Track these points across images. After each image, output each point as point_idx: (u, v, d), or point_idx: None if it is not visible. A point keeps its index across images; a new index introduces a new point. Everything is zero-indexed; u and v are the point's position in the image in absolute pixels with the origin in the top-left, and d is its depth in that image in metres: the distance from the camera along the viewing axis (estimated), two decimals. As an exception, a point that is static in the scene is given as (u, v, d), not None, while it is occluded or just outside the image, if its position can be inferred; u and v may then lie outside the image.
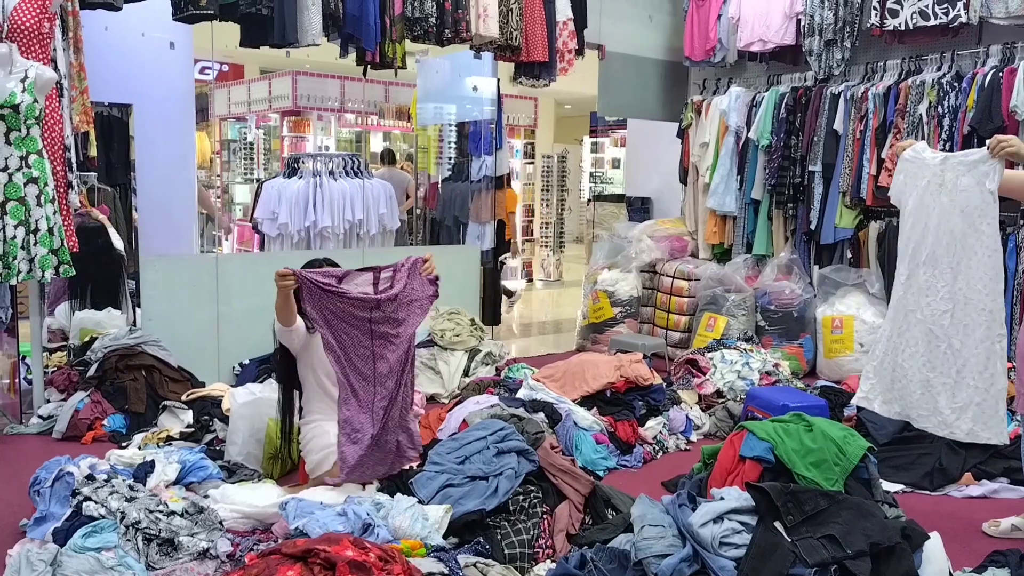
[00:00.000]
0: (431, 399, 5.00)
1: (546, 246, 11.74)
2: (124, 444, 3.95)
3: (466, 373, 5.24)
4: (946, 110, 5.17)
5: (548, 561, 2.86)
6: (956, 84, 5.19)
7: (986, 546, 3.06)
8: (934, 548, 2.40)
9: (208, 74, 9.87)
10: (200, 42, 5.56)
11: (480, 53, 6.07)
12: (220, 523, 2.81)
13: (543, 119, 13.31)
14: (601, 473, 3.84)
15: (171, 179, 5.64)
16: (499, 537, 2.83)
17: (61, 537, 2.64)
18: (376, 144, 10.42)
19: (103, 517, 2.73)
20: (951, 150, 5.16)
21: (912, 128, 5.34)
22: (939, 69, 5.41)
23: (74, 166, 4.27)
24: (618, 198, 8.39)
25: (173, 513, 2.78)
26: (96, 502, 2.79)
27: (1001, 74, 4.95)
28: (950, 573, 2.46)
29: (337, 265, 3.53)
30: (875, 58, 5.86)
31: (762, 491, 2.47)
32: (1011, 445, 3.83)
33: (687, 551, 2.39)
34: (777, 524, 2.40)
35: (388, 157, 8.80)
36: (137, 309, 5.20)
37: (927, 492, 3.70)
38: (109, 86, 5.09)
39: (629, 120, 8.56)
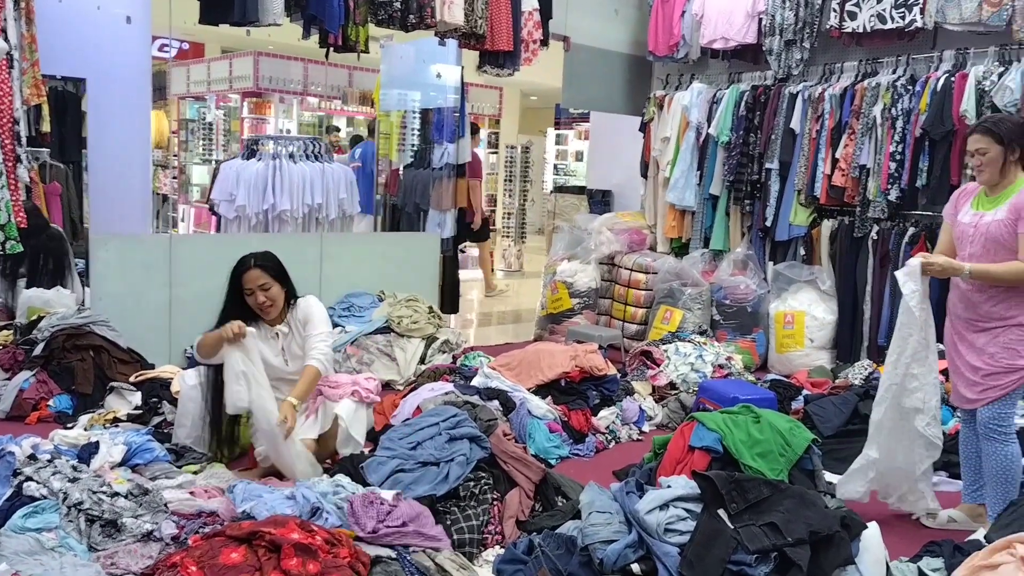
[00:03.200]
0: (387, 386, 4.98)
1: (508, 236, 11.74)
2: (70, 425, 3.88)
3: (422, 360, 5.23)
4: (899, 112, 5.29)
5: (497, 547, 2.89)
6: (910, 87, 5.31)
7: (923, 537, 3.15)
8: (872, 538, 2.47)
9: (167, 51, 9.67)
10: (158, 18, 5.44)
11: (445, 40, 6.03)
12: (165, 505, 2.77)
13: (508, 109, 13.28)
14: (553, 461, 3.87)
15: (125, 157, 5.50)
16: (449, 523, 2.84)
17: (0, 517, 2.58)
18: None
19: (45, 498, 2.68)
20: (903, 152, 5.29)
21: (866, 129, 5.44)
22: (894, 72, 5.52)
23: (23, 140, 4.16)
24: (579, 190, 8.43)
25: (117, 494, 2.73)
26: (38, 482, 2.74)
27: (953, 79, 5.07)
28: (887, 562, 2.52)
29: (267, 261, 3.46)
30: (833, 59, 5.96)
31: (708, 479, 2.52)
32: (950, 440, 3.95)
33: (632, 537, 2.42)
34: (721, 512, 2.45)
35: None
36: (86, 288, 5.10)
37: (869, 484, 3.79)
38: (62, 60, 4.96)
39: (592, 113, 8.59)
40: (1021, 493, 3.14)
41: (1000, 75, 4.86)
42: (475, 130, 8.62)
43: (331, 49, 5.48)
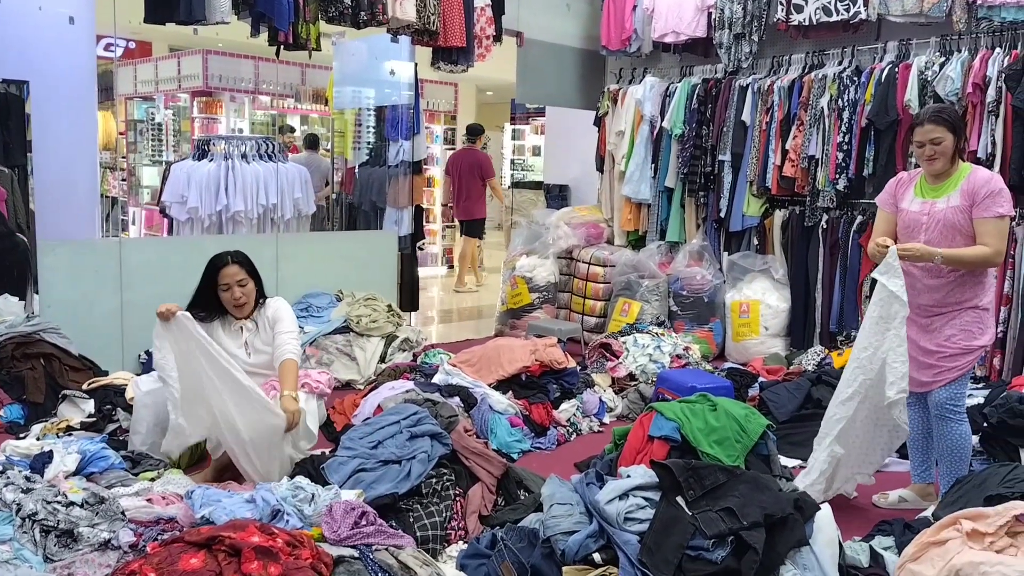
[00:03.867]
0: (347, 385, 4.97)
1: (466, 233, 11.70)
2: (22, 435, 3.80)
3: (383, 359, 5.22)
4: (846, 103, 5.40)
5: (461, 542, 2.90)
6: (856, 78, 5.43)
7: (875, 517, 3.24)
8: (824, 518, 2.53)
9: (113, 51, 9.47)
10: (102, 17, 5.33)
11: (397, 37, 6.00)
12: (122, 513, 2.73)
13: (464, 105, 13.25)
14: (516, 455, 3.89)
15: (71, 161, 5.39)
16: (411, 520, 2.85)
17: (-49, 532, 2.52)
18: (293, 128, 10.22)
19: (-3, 510, 2.62)
20: (850, 142, 5.41)
21: (814, 120, 5.56)
22: (840, 64, 5.64)
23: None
24: (536, 185, 8.46)
25: (72, 504, 2.68)
26: (-11, 495, 2.68)
27: (897, 69, 5.20)
28: (840, 542, 2.59)
29: (243, 258, 3.48)
30: (781, 52, 6.07)
31: (665, 468, 2.56)
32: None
33: (593, 527, 2.46)
34: (679, 499, 2.49)
35: (310, 142, 8.64)
36: (35, 295, 4.98)
37: (823, 467, 3.88)
38: (2, 62, 4.84)
39: (548, 108, 8.63)
40: (970, 471, 3.25)
41: (941, 65, 5.00)
42: (480, 130, 8.87)
43: (281, 47, 5.42)
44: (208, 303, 3.44)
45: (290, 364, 3.37)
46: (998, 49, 4.86)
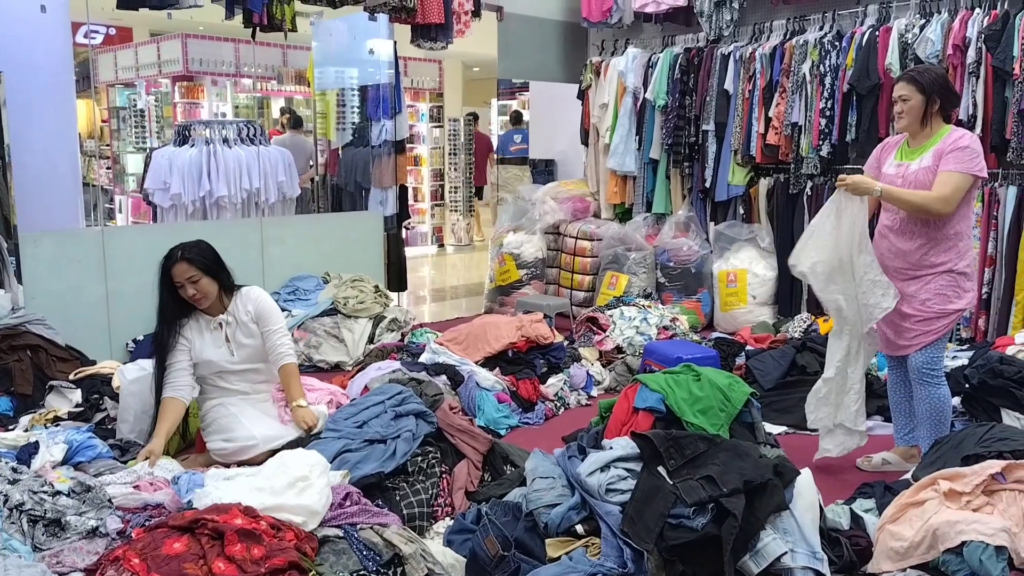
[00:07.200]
0: (336, 367, 4.98)
1: (455, 210, 11.69)
2: (11, 427, 3.80)
3: (371, 340, 5.22)
4: (827, 69, 5.38)
5: (448, 518, 2.93)
6: (837, 43, 5.40)
7: (857, 480, 3.27)
8: (805, 483, 2.55)
9: (93, 38, 9.36)
10: (77, 4, 5.27)
11: (375, 15, 5.95)
12: (109, 500, 2.74)
13: (451, 82, 13.16)
14: (503, 431, 3.92)
15: (51, 150, 5.35)
16: (398, 498, 2.87)
17: (-62, 525, 2.53)
18: (277, 110, 10.13)
19: (-16, 502, 2.63)
20: (832, 108, 5.39)
21: (796, 87, 5.53)
22: (821, 29, 5.61)
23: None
24: (522, 160, 8.43)
25: (59, 493, 2.69)
26: (-25, 487, 2.69)
27: (877, 33, 5.18)
28: (821, 505, 2.62)
29: (195, 253, 3.32)
30: (762, 19, 6.03)
31: (646, 439, 2.58)
32: (884, 385, 4.09)
33: (575, 500, 2.48)
34: (661, 469, 2.51)
35: (295, 122, 8.56)
36: (21, 287, 4.97)
37: (808, 432, 3.91)
38: (-25, 52, 4.80)
39: (532, 83, 8.57)
40: (952, 431, 3.27)
41: (922, 27, 4.98)
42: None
43: (256, 29, 5.36)
44: (174, 304, 3.32)
45: (292, 368, 3.42)
46: (977, 9, 4.84)
